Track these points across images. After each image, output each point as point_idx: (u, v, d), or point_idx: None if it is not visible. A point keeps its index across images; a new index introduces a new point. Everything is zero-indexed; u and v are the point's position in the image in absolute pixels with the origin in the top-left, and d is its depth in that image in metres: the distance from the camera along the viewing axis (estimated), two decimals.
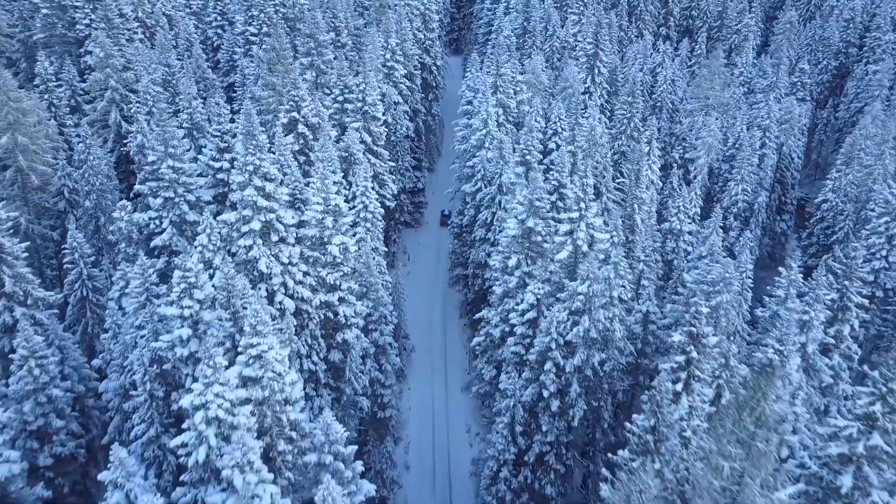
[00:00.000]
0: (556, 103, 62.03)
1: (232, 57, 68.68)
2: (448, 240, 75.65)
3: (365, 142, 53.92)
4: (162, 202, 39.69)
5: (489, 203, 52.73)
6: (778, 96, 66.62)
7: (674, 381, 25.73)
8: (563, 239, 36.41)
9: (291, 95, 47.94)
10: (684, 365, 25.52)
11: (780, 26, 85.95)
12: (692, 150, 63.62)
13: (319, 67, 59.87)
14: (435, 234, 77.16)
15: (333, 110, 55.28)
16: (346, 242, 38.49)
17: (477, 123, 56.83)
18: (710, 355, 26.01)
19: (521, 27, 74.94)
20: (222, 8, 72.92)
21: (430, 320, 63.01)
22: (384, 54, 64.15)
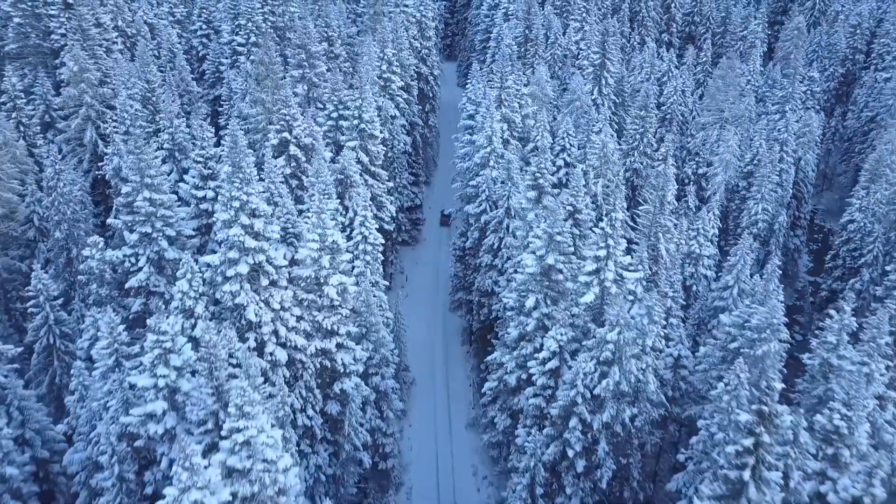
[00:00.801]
0: (564, 118, 57.78)
1: (218, 68, 63.89)
2: (447, 251, 71.44)
3: (362, 162, 49.41)
4: (138, 238, 35.00)
5: (496, 227, 48.35)
6: (794, 107, 62.66)
7: (739, 467, 21.46)
8: (589, 279, 32.12)
9: (282, 114, 43.36)
10: (752, 449, 21.29)
11: (788, 32, 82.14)
12: (705, 165, 59.54)
13: (311, 80, 55.25)
14: (433, 250, 72.78)
15: (327, 127, 50.74)
16: (345, 282, 34.00)
17: (481, 140, 52.43)
18: (779, 433, 21.78)
19: (522, 35, 70.63)
20: (208, 16, 68.06)
21: (430, 347, 58.55)
22: (380, 65, 59.62)
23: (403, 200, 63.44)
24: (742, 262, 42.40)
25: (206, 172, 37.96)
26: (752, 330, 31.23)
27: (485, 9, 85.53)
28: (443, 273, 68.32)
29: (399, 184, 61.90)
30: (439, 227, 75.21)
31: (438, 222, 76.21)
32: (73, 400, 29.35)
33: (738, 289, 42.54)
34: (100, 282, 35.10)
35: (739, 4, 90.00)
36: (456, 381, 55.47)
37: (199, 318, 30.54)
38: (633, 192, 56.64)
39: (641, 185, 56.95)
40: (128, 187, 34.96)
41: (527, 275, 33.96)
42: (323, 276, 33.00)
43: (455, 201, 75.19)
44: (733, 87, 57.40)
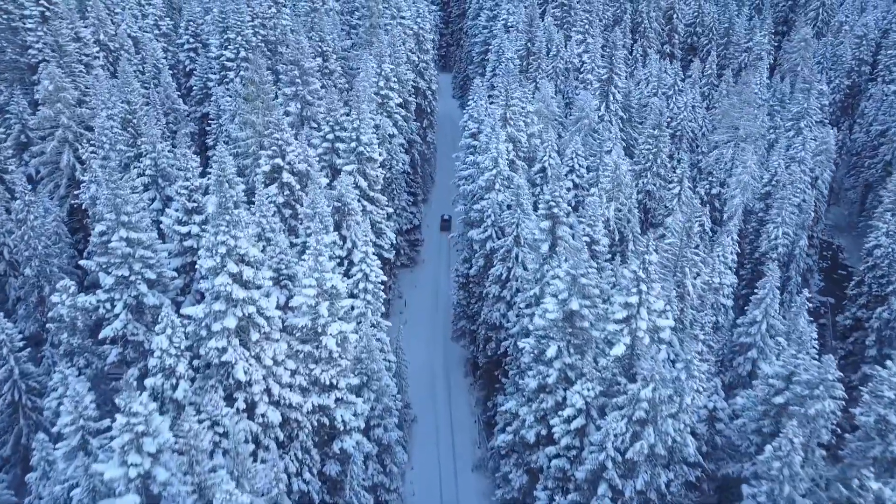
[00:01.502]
0: (572, 137, 54.25)
1: (206, 84, 59.99)
2: (447, 271, 67.96)
3: (360, 187, 45.60)
4: (114, 282, 31.05)
5: (504, 256, 44.62)
6: (809, 124, 59.37)
7: None
8: (618, 328, 28.46)
9: (274, 139, 39.49)
10: None
11: (794, 44, 79.00)
12: (718, 185, 56.12)
13: (305, 98, 51.39)
14: (432, 271, 69.01)
15: (323, 150, 46.90)
16: (345, 331, 30.18)
17: (486, 162, 48.74)
18: None
19: (523, 48, 67.04)
20: (195, 29, 64.13)
21: (431, 379, 54.71)
22: (377, 81, 55.86)
23: (402, 223, 59.66)
24: (771, 296, 38.86)
25: (191, 206, 34.01)
26: (803, 385, 27.63)
27: (483, 20, 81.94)
28: (442, 296, 64.59)
29: (398, 206, 58.11)
30: (440, 232, 73.07)
31: (436, 243, 72.81)
32: (34, 477, 25.34)
33: (767, 324, 39.06)
34: (71, 330, 31.10)
35: (742, 16, 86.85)
36: (460, 417, 51.64)
37: (181, 377, 26.63)
38: (645, 214, 53.11)
39: (655, 208, 53.50)
40: (102, 226, 31.01)
41: (547, 320, 30.23)
42: (321, 325, 29.16)
43: (453, 208, 72.73)
44: (749, 105, 54.02)
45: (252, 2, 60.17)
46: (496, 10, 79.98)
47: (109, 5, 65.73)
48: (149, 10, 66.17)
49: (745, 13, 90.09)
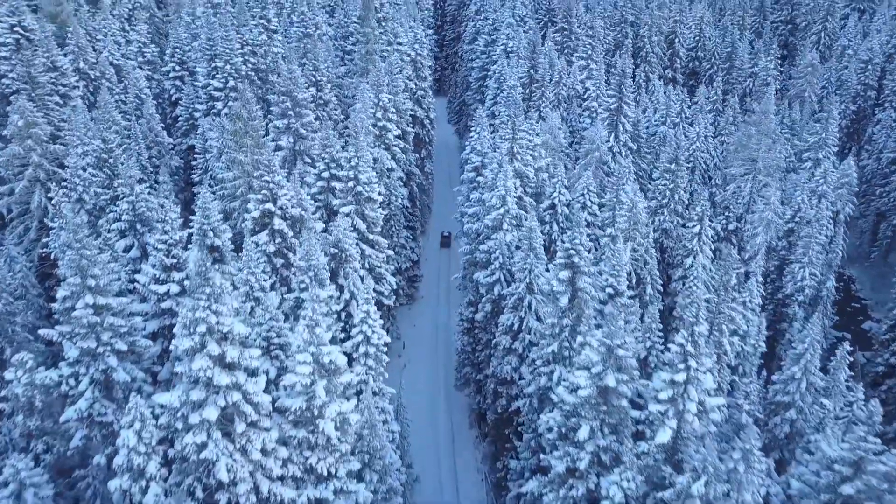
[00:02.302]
0: (583, 171, 50.33)
1: (192, 115, 55.68)
2: (447, 304, 64.18)
3: (358, 229, 41.31)
4: (78, 354, 26.52)
5: (516, 304, 40.33)
6: (827, 154, 55.76)
7: None
8: (662, 409, 24.25)
9: (265, 181, 35.16)
10: None
11: (801, 69, 75.80)
12: (735, 220, 52.26)
13: (298, 132, 47.24)
14: (432, 307, 64.68)
15: (318, 189, 42.64)
16: (345, 411, 25.75)
17: (493, 200, 44.61)
18: None
19: (526, 75, 63.29)
20: (181, 56, 59.92)
21: (434, 432, 50.15)
22: (375, 112, 51.79)
23: (401, 261, 55.33)
24: (811, 352, 34.74)
25: (170, 262, 29.56)
26: (879, 478, 23.42)
27: (480, 44, 78.23)
28: (442, 333, 60.29)
29: (396, 243, 53.84)
30: (439, 248, 72.41)
31: (435, 271, 69.86)
32: None
33: (807, 382, 34.93)
34: (28, 411, 26.51)
35: (745, 41, 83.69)
36: (465, 474, 47.11)
37: (152, 479, 22.08)
38: (662, 254, 49.10)
39: (672, 248, 49.49)
40: (66, 290, 26.51)
41: (578, 397, 25.93)
42: (317, 407, 24.70)
43: (451, 225, 69.96)
44: (767, 136, 50.29)
45: (242, 28, 56.07)
46: (495, 34, 76.38)
47: (91, 31, 61.46)
48: (133, 37, 61.91)
49: (747, 37, 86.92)
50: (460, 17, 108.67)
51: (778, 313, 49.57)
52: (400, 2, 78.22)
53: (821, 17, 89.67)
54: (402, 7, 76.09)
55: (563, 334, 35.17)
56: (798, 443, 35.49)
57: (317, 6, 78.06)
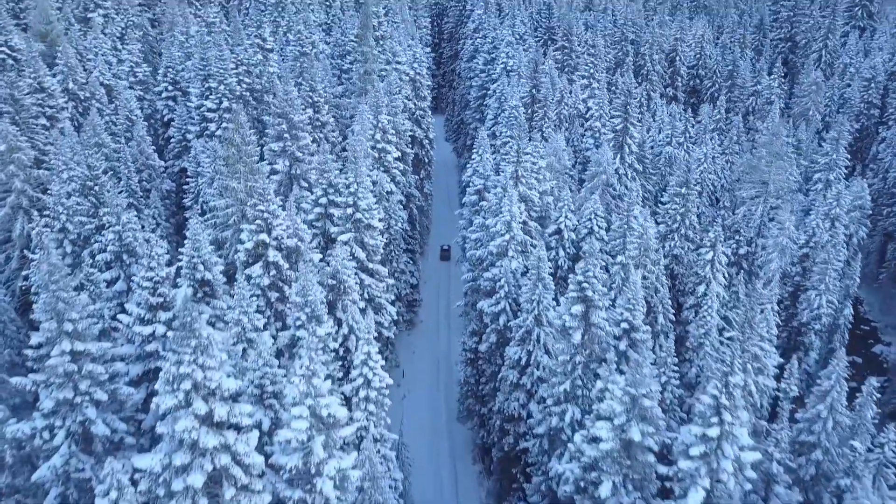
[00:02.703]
0: (589, 194, 48.30)
1: (185, 136, 53.51)
2: (447, 325, 62.13)
3: (357, 258, 39.03)
4: (54, 405, 24.08)
5: (524, 337, 38.05)
6: (839, 176, 53.91)
7: None
8: (693, 466, 21.97)
9: (259, 211, 32.90)
10: None
11: (804, 87, 74.18)
12: (746, 244, 50.18)
13: (294, 155, 45.13)
14: (432, 332, 62.28)
15: (315, 216, 40.40)
16: (345, 468, 23.33)
17: (498, 226, 42.45)
18: None
19: (528, 95, 61.40)
20: (174, 76, 57.82)
21: (436, 467, 47.54)
22: (373, 134, 49.70)
23: (401, 287, 53.03)
24: (838, 389, 32.53)
25: (156, 301, 27.21)
26: None
27: (479, 63, 76.44)
28: (443, 361, 57.90)
29: (396, 268, 51.57)
30: (439, 261, 71.62)
31: (434, 296, 67.78)
32: None
33: (833, 422, 32.69)
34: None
35: (747, 59, 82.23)
36: None
37: None
38: (672, 281, 46.92)
39: (683, 274, 47.35)
40: (41, 335, 24.11)
41: (599, 451, 23.62)
42: (314, 465, 22.30)
43: (450, 239, 68.49)
44: (780, 158, 48.36)
45: (236, 48, 54.04)
46: (494, 53, 74.62)
47: (82, 51, 59.37)
48: (125, 56, 59.80)
49: (748, 55, 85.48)
50: (458, 35, 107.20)
51: (793, 342, 47.40)
52: (398, 20, 76.48)
53: (821, 35, 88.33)
54: (400, 25, 74.37)
55: (575, 372, 32.94)
56: (825, 486, 33.22)
57: (313, 24, 76.34)
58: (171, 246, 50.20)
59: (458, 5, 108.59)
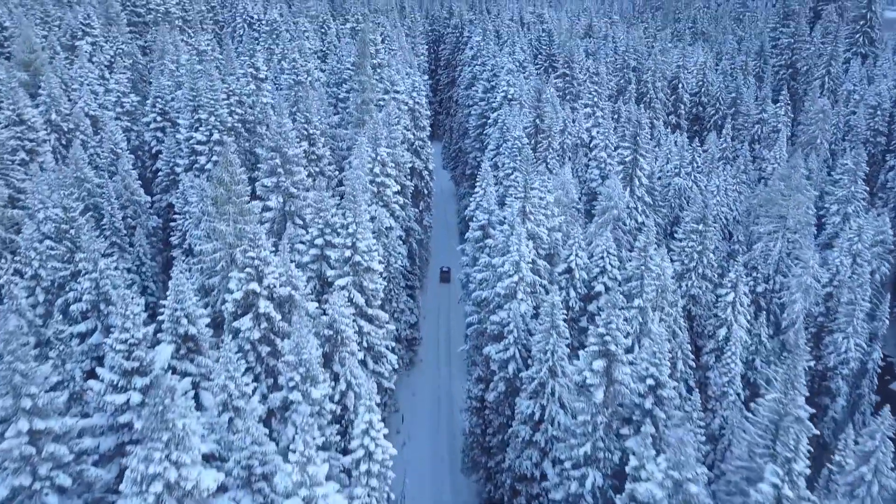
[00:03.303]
0: (600, 231, 45.45)
1: (173, 169, 50.50)
2: (447, 361, 59.17)
3: (356, 304, 35.86)
4: (9, 494, 20.68)
5: (537, 390, 34.85)
6: (857, 209, 51.35)
7: None
8: None
9: (249, 258, 29.78)
10: None
11: (811, 115, 71.89)
12: (764, 281, 47.35)
13: (288, 191, 42.16)
14: (432, 372, 58.95)
15: (310, 257, 37.29)
16: None
17: (506, 266, 39.40)
18: None
19: (531, 124, 58.81)
20: (163, 106, 54.96)
21: None
22: (372, 167, 46.81)
23: (401, 328, 49.80)
24: (883, 450, 29.42)
25: (131, 365, 23.93)
26: None
27: (479, 91, 73.99)
28: (445, 404, 54.53)
29: (396, 308, 48.40)
30: (438, 283, 70.64)
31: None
32: None
33: (879, 485, 29.53)
34: None
35: (750, 86, 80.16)
36: None
37: None
38: (690, 323, 43.96)
39: (701, 315, 44.41)
40: None
41: None
42: None
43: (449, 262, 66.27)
44: (798, 191, 45.73)
45: (228, 77, 51.29)
46: (494, 80, 72.21)
47: (67, 80, 56.48)
48: (112, 85, 56.93)
49: (751, 82, 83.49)
50: (455, 62, 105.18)
51: (817, 387, 44.33)
52: (395, 47, 74.15)
53: (824, 61, 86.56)
54: (398, 53, 71.98)
55: (597, 433, 29.77)
56: None
57: (308, 52, 73.89)
58: (156, 286, 47.14)
59: (455, 32, 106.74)
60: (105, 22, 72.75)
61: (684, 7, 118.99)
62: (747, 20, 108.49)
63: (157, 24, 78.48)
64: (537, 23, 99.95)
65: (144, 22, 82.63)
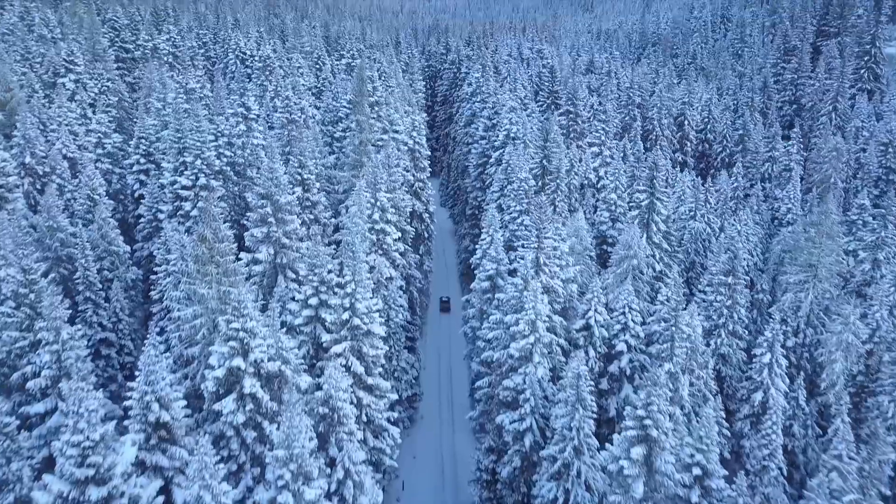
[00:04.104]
0: (620, 283, 41.57)
1: (156, 216, 46.46)
2: (449, 409, 54.90)
3: (355, 373, 31.61)
4: None
5: (561, 472, 30.55)
6: (888, 255, 47.75)
7: None
8: None
9: (233, 329, 25.58)
10: None
11: (824, 154, 68.92)
12: (793, 334, 43.42)
13: (280, 241, 38.12)
14: (434, 431, 54.19)
15: (303, 319, 33.09)
16: None
17: (521, 326, 35.27)
18: None
19: (538, 165, 55.28)
20: (147, 147, 51.13)
21: None
22: (371, 213, 42.94)
23: (402, 388, 45.39)
24: None
25: (84, 473, 19.54)
26: None
27: (480, 129, 70.66)
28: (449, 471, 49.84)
29: (396, 367, 44.09)
30: (439, 314, 68.43)
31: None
32: None
33: None
34: None
35: (758, 122, 77.37)
36: None
37: None
38: (720, 384, 39.88)
39: (731, 376, 40.37)
40: None
41: None
42: None
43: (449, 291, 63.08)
44: (830, 239, 42.12)
45: (217, 117, 47.60)
46: (496, 118, 68.95)
47: (46, 120, 52.62)
48: (93, 126, 53.12)
49: (757, 119, 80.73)
50: (452, 98, 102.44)
51: None
52: (392, 83, 70.98)
53: (830, 98, 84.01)
54: (395, 90, 68.75)
55: None
56: None
57: (302, 88, 70.63)
58: (133, 344, 42.75)
59: (452, 68, 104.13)
60: (91, 58, 69.30)
61: (681, 42, 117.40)
62: (746, 56, 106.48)
63: (146, 60, 75.15)
64: (537, 58, 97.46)
65: (133, 58, 79.33)
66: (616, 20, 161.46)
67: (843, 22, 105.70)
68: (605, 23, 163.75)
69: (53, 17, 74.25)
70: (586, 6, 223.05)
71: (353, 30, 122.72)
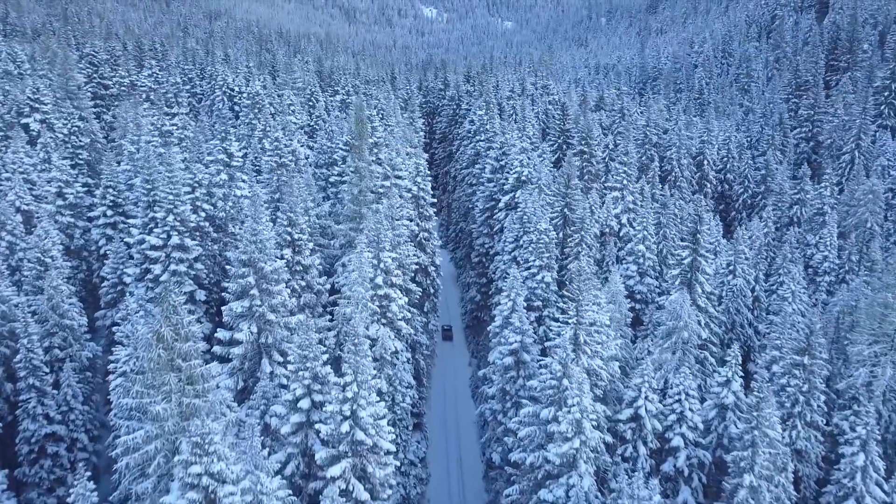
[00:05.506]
0: (669, 358, 34.50)
1: (121, 279, 39.11)
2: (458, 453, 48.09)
3: (358, 500, 24.12)
4: None
5: None
6: None
7: None
8: None
9: (194, 475, 18.14)
10: None
11: (859, 196, 62.71)
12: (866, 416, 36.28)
13: (265, 317, 30.87)
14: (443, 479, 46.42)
15: (292, 427, 25.65)
16: None
17: (563, 426, 27.99)
18: None
19: (559, 215, 48.51)
20: (115, 198, 43.95)
21: None
22: (374, 276, 35.78)
23: (410, 485, 37.70)
24: None
25: None
26: None
27: (487, 171, 63.91)
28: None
29: (404, 460, 36.52)
30: (442, 341, 64.75)
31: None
32: None
33: None
34: None
35: (783, 161, 71.45)
36: None
37: None
38: (796, 486, 32.55)
39: (809, 475, 33.09)
40: None
41: None
42: None
43: None
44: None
45: (195, 165, 40.64)
46: (504, 159, 62.40)
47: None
48: (53, 174, 45.95)
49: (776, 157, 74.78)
50: (451, 136, 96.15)
51: None
52: (392, 122, 64.52)
53: (852, 135, 78.31)
54: (395, 129, 62.24)
55: None
56: None
57: (293, 127, 63.96)
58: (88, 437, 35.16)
59: (452, 104, 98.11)
60: (64, 96, 62.39)
61: (685, 77, 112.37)
62: (754, 91, 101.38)
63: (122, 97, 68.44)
64: (542, 94, 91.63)
65: (112, 95, 72.58)
66: (613, 55, 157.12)
67: (853, 57, 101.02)
68: (603, 57, 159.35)
69: (22, 53, 67.52)
70: (581, 41, 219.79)
71: (347, 65, 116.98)
